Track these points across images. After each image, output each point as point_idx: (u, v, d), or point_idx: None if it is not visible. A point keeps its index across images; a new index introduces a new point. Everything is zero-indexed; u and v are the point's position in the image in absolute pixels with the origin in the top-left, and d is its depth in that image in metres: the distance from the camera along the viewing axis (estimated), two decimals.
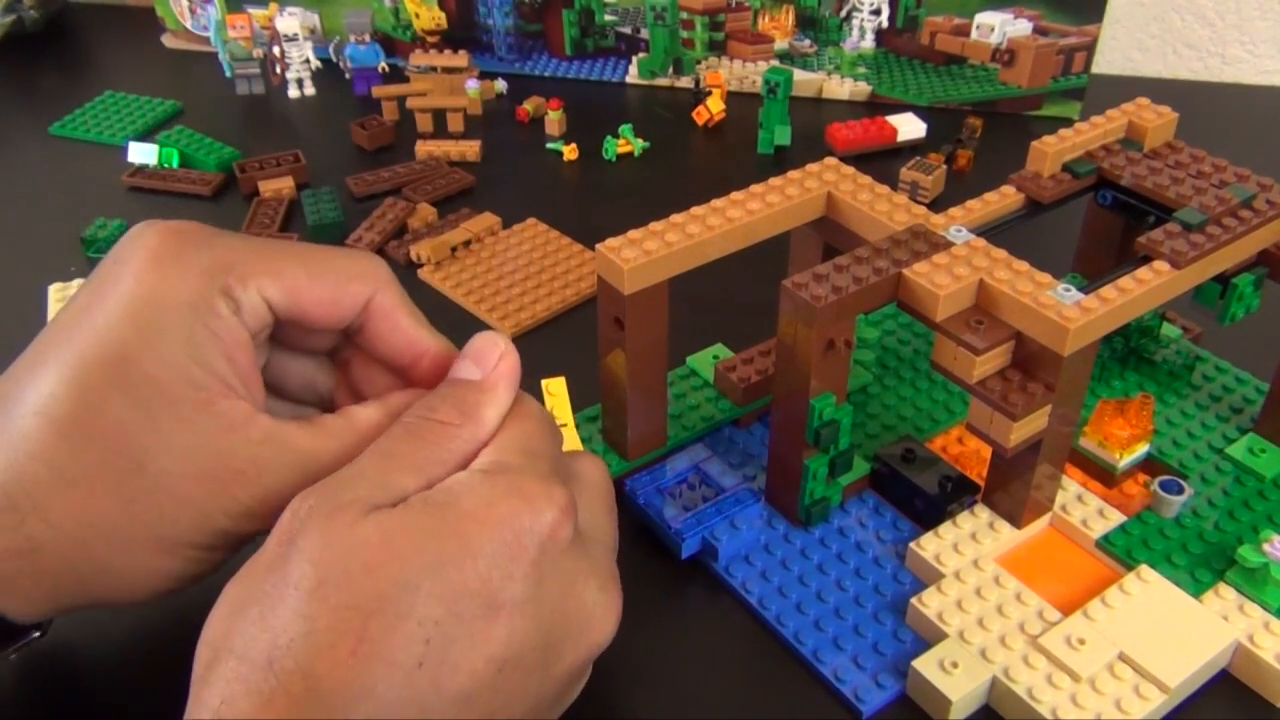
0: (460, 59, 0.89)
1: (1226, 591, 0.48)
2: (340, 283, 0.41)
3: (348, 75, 0.96)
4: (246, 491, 0.37)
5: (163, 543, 0.37)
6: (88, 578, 0.37)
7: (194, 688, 0.33)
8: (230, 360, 0.37)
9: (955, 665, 0.45)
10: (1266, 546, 0.48)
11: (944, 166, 0.82)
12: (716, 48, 0.97)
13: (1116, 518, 0.52)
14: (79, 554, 0.37)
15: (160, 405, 0.36)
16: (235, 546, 0.39)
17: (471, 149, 0.86)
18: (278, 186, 0.81)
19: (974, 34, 0.91)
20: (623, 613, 0.40)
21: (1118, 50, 1.04)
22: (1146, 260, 0.49)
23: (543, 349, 0.48)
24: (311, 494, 0.35)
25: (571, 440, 0.51)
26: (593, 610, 0.38)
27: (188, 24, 1.04)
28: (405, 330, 0.42)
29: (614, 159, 0.87)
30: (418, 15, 0.96)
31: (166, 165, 0.85)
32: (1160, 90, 0.68)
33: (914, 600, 0.48)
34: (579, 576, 0.37)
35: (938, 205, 0.79)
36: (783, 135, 0.87)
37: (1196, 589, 0.49)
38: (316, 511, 0.34)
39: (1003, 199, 0.54)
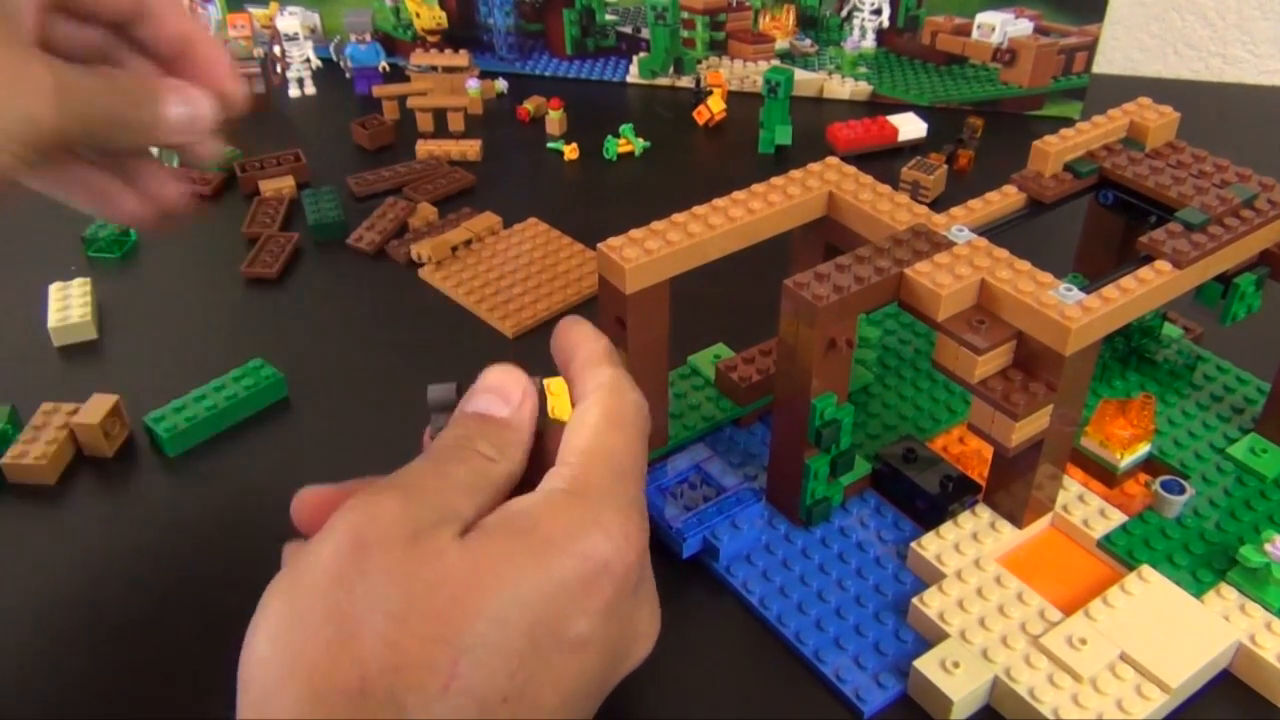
0: (461, 58, 0.89)
1: (1228, 591, 0.48)
2: None
3: (348, 75, 0.96)
4: (48, 102, 0.36)
5: None
6: None
7: (259, 708, 0.31)
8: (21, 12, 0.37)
9: (957, 665, 0.45)
10: (1268, 546, 0.48)
11: (945, 166, 0.82)
12: (717, 47, 0.97)
13: (1118, 518, 0.52)
14: None
15: None
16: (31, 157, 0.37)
17: (472, 148, 0.86)
18: (278, 186, 0.81)
19: (975, 34, 0.91)
20: None
21: (1119, 50, 1.04)
22: (1148, 260, 0.48)
23: (543, 349, 0.48)
24: (377, 508, 0.33)
25: None
26: (642, 633, 0.39)
27: None
28: (178, 22, 0.42)
29: (615, 158, 0.87)
30: (418, 15, 0.96)
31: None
32: (1161, 90, 0.68)
33: (915, 600, 0.48)
34: (639, 609, 0.38)
35: (939, 205, 0.79)
36: (784, 135, 0.87)
37: (1198, 589, 0.49)
38: (394, 532, 0.33)
39: (1004, 198, 0.54)
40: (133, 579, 0.52)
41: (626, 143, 0.87)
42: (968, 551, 0.50)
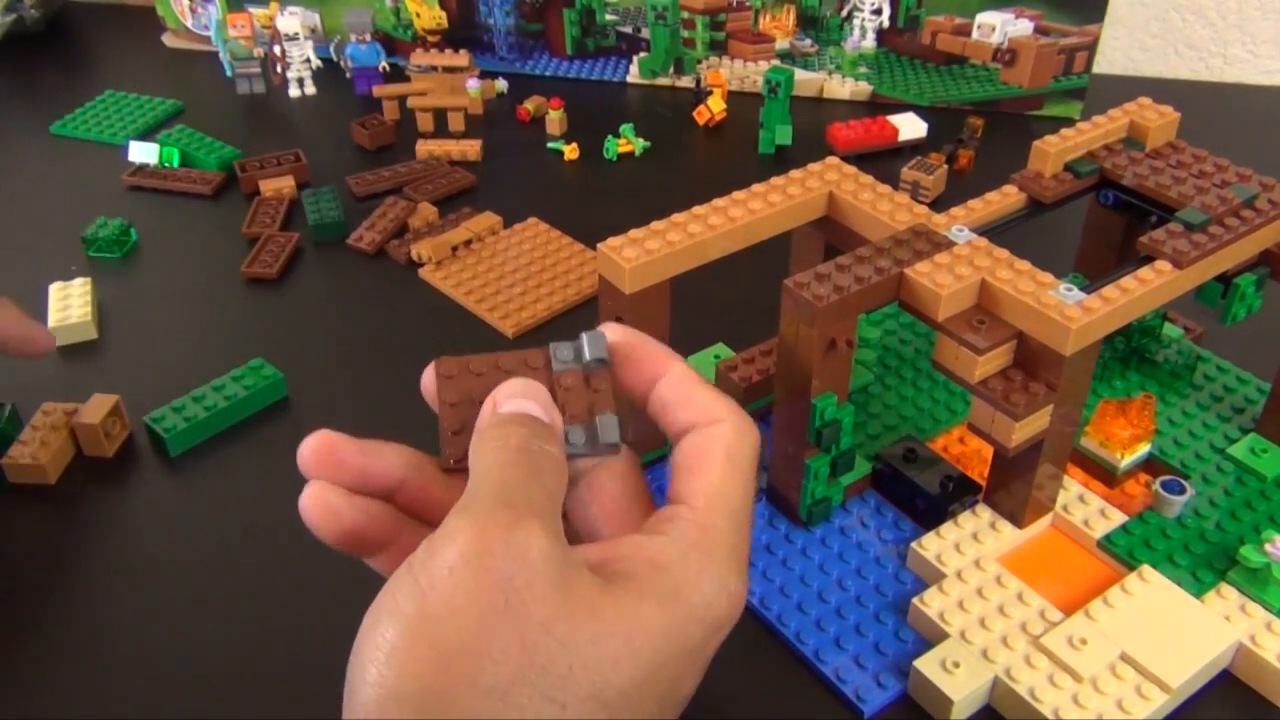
0: (461, 58, 0.89)
1: (1228, 591, 0.48)
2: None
3: (349, 74, 0.96)
4: None
5: None
6: None
7: None
8: None
9: (957, 665, 0.45)
10: (1268, 547, 0.48)
11: (945, 166, 0.82)
12: (717, 47, 0.97)
13: (1118, 518, 0.52)
14: None
15: None
16: None
17: (472, 148, 0.86)
18: (278, 186, 0.81)
19: (975, 34, 0.91)
20: None
21: (1119, 50, 1.04)
22: (1148, 260, 0.48)
23: None
24: (524, 545, 0.31)
25: None
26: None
27: (188, 23, 1.04)
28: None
29: (615, 158, 0.87)
30: (419, 14, 0.96)
31: (167, 164, 0.85)
32: (1161, 90, 0.68)
33: (915, 600, 0.48)
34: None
35: (939, 205, 0.79)
36: (784, 135, 0.87)
37: (1198, 589, 0.49)
38: (543, 578, 0.31)
39: (1004, 198, 0.54)
40: (132, 579, 0.52)
41: (626, 143, 0.87)
42: (968, 551, 0.50)
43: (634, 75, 0.99)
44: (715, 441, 0.36)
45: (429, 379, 0.37)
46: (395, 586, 0.31)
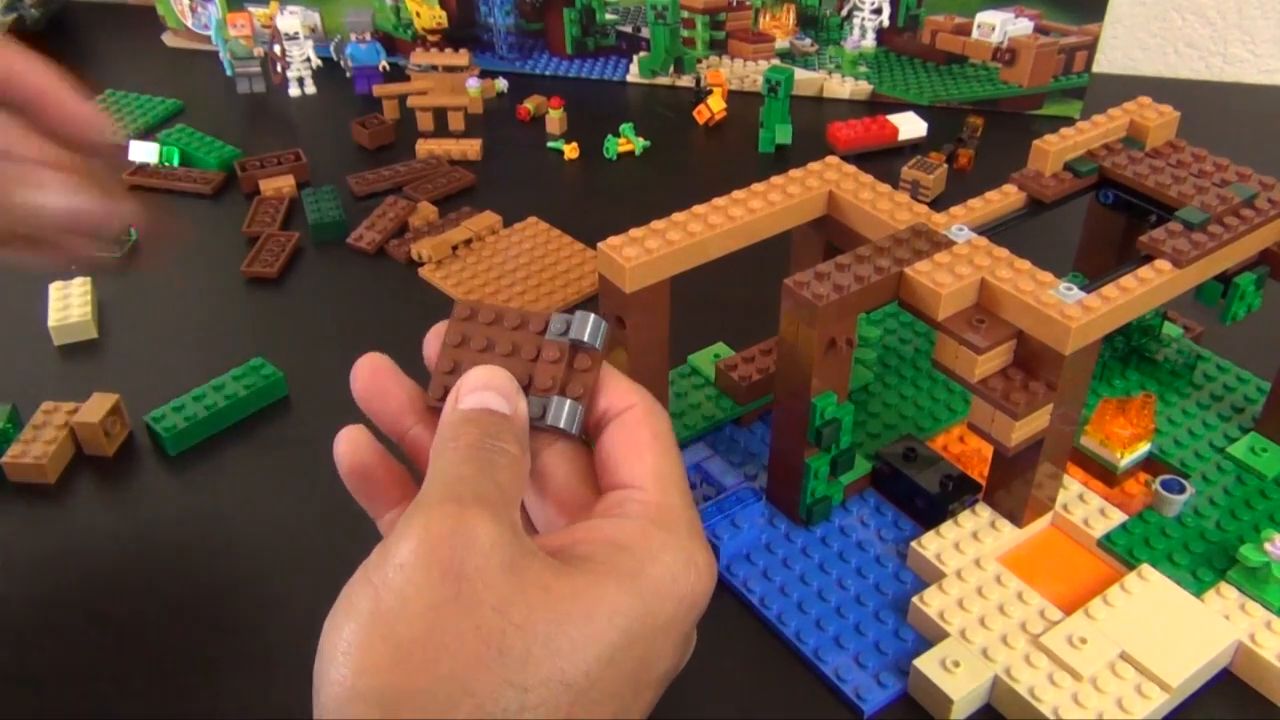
0: (461, 58, 0.89)
1: (1228, 590, 0.48)
2: None
3: (349, 74, 0.96)
4: None
5: None
6: None
7: None
8: None
9: (957, 664, 0.45)
10: (1268, 545, 0.48)
11: (945, 165, 0.82)
12: (717, 46, 0.97)
13: (1118, 517, 0.52)
14: None
15: None
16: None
17: (472, 147, 0.86)
18: (278, 185, 0.81)
19: (975, 33, 0.91)
20: None
21: (1119, 49, 1.04)
22: (1148, 259, 0.48)
23: None
24: (471, 533, 0.31)
25: None
26: (691, 648, 0.38)
27: (189, 22, 1.04)
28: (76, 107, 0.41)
29: (615, 158, 0.87)
30: (419, 14, 0.96)
31: (167, 164, 0.85)
32: (1161, 89, 0.68)
33: (915, 599, 0.48)
34: (694, 628, 0.37)
35: (939, 204, 0.79)
36: (784, 134, 0.87)
37: (1198, 588, 0.49)
38: (493, 562, 0.31)
39: (1004, 198, 0.54)
40: (132, 578, 0.52)
41: (627, 142, 0.87)
42: (968, 550, 0.50)
43: (634, 75, 0.99)
44: (639, 425, 0.37)
45: (433, 338, 0.39)
46: (351, 588, 0.31)
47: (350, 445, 0.38)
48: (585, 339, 0.37)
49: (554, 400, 0.36)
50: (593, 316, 0.37)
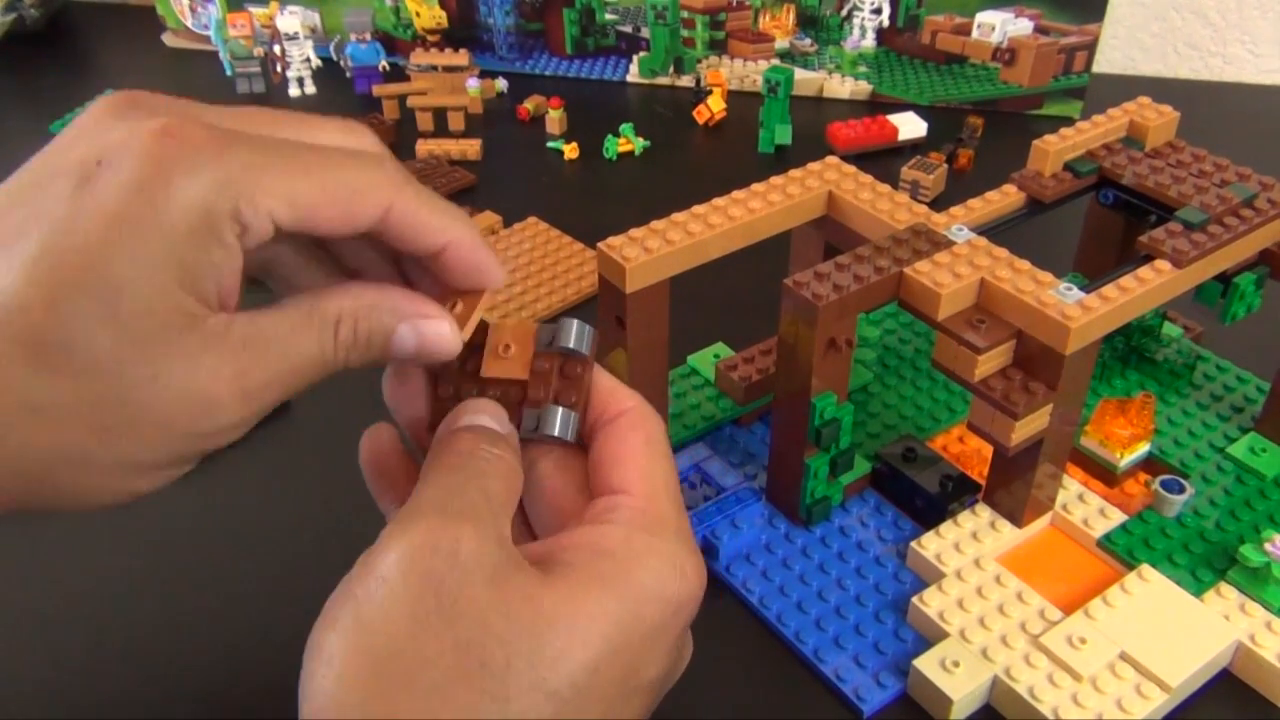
0: (461, 58, 0.89)
1: (1228, 591, 0.48)
2: (354, 199, 0.35)
3: (348, 74, 0.96)
4: (233, 402, 0.33)
5: (137, 467, 0.34)
6: (43, 496, 0.34)
7: None
8: (220, 283, 0.33)
9: (956, 664, 0.45)
10: (1268, 546, 0.48)
11: (945, 165, 0.82)
12: (717, 46, 0.97)
13: (1118, 517, 0.52)
14: (38, 476, 0.33)
15: (149, 336, 0.31)
16: (203, 456, 0.36)
17: (472, 148, 0.86)
18: None
19: (975, 33, 0.91)
20: None
21: (1119, 49, 1.04)
22: (1148, 259, 0.48)
23: None
24: (453, 544, 0.31)
25: None
26: (685, 655, 0.38)
27: (188, 22, 1.04)
28: (427, 227, 0.36)
29: (615, 158, 0.87)
30: (418, 14, 0.96)
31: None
32: (1161, 89, 0.68)
33: (915, 599, 0.48)
34: (688, 632, 0.37)
35: (939, 204, 0.79)
36: (783, 134, 0.87)
37: (1198, 588, 0.49)
38: (476, 575, 0.31)
39: (1004, 198, 0.54)
40: (132, 578, 0.52)
41: (626, 142, 0.87)
42: (967, 551, 0.50)
43: (634, 75, 0.99)
44: (631, 429, 0.37)
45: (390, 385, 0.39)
46: (334, 600, 0.31)
47: (373, 441, 0.39)
48: (572, 346, 0.37)
49: (548, 410, 0.36)
50: (576, 323, 0.37)
